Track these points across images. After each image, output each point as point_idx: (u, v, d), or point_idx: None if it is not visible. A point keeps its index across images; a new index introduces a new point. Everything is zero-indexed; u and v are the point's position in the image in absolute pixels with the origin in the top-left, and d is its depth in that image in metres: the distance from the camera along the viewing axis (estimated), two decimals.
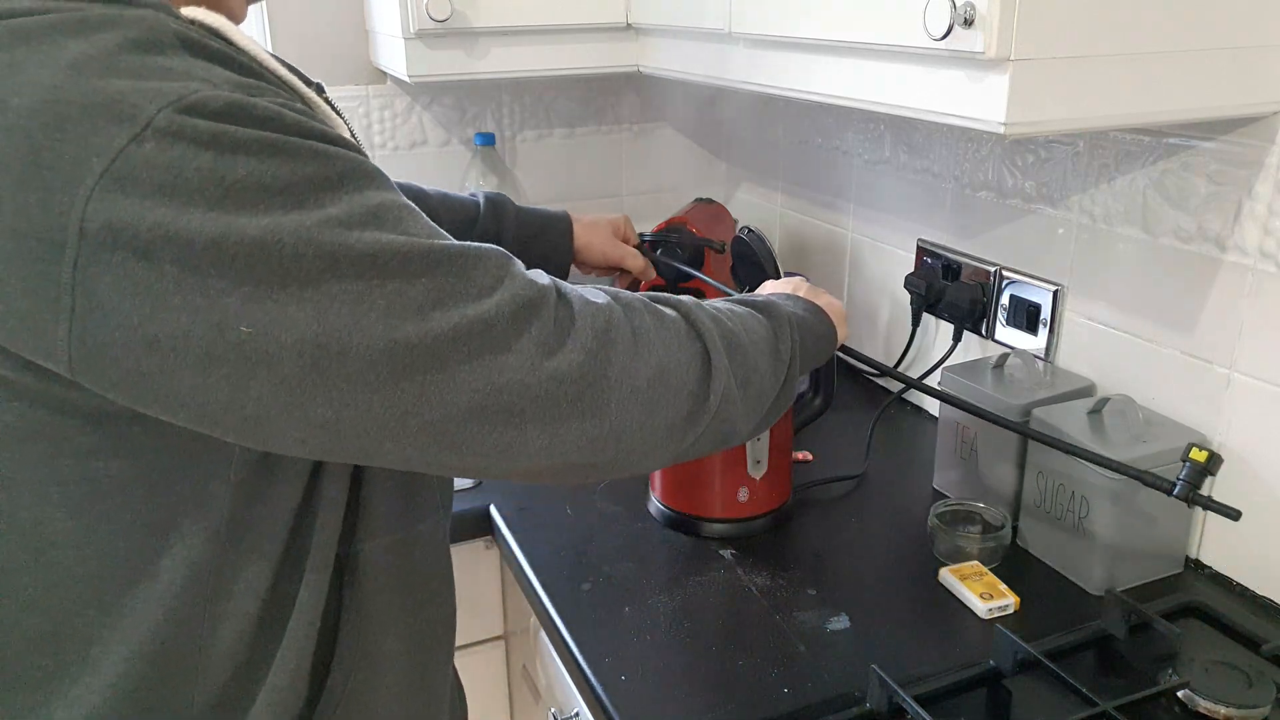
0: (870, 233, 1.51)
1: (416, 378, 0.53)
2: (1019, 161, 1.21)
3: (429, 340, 0.53)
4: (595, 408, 0.61)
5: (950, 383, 1.16)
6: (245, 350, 0.50)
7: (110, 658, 0.59)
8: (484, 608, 1.30)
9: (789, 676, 0.89)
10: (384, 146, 1.66)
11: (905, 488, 1.24)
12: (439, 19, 1.29)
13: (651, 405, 0.64)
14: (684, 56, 1.27)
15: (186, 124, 0.48)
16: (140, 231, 0.47)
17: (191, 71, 0.50)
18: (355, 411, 0.53)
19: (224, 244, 0.48)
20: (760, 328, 0.78)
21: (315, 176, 0.51)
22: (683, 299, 0.73)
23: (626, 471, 0.66)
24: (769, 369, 0.77)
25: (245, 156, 0.49)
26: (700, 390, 0.68)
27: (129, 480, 0.56)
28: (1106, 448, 0.96)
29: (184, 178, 0.47)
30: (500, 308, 0.56)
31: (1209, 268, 0.99)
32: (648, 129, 1.83)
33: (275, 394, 0.51)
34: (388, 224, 0.53)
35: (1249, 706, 0.82)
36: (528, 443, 0.58)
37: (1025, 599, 0.99)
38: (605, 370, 0.61)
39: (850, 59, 0.93)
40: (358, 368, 0.52)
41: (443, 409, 0.55)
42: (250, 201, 0.49)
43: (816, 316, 0.88)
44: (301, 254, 0.49)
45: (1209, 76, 0.83)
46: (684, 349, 0.67)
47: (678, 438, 0.67)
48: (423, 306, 0.53)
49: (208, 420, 0.52)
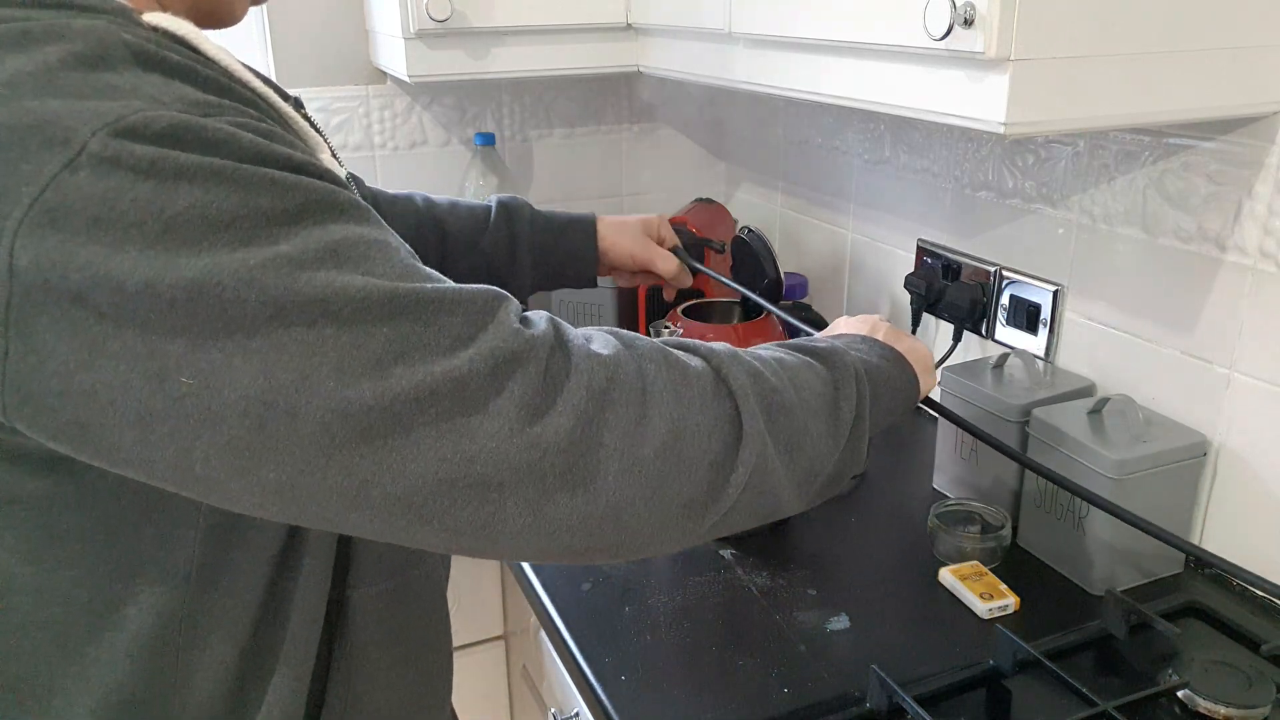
0: (870, 233, 1.51)
1: (375, 442, 0.46)
2: (1019, 161, 1.21)
3: (387, 400, 0.46)
4: (587, 482, 0.52)
5: (950, 383, 1.16)
6: (186, 407, 0.44)
7: (75, 709, 0.55)
8: (484, 608, 1.30)
9: (789, 676, 0.89)
10: (384, 146, 1.66)
11: (905, 488, 1.24)
12: (439, 19, 1.29)
13: (660, 479, 0.54)
14: (684, 56, 1.27)
15: (123, 149, 0.43)
16: (69, 272, 0.42)
17: (139, 89, 0.45)
18: (310, 479, 0.47)
19: (158, 287, 0.43)
20: (816, 381, 0.67)
21: (268, 209, 0.45)
22: (716, 347, 0.63)
23: (637, 554, 0.57)
24: (825, 431, 0.66)
25: (188, 185, 0.43)
26: (726, 460, 0.57)
27: (88, 528, 0.52)
28: (1106, 448, 0.97)
29: (119, 210, 0.42)
30: (474, 363, 0.48)
31: (1209, 268, 0.99)
32: (648, 129, 1.83)
33: (222, 456, 0.45)
34: (348, 263, 0.46)
35: (1249, 706, 0.81)
36: (507, 520, 0.50)
37: (1025, 599, 0.99)
38: (599, 437, 0.52)
39: (850, 59, 0.93)
40: (309, 430, 0.45)
41: (407, 480, 0.48)
42: (191, 238, 0.43)
43: (895, 365, 0.76)
44: (243, 299, 0.44)
45: (1209, 76, 0.83)
46: (708, 410, 0.57)
47: (696, 517, 0.57)
48: (382, 361, 0.46)
49: (157, 479, 0.47)
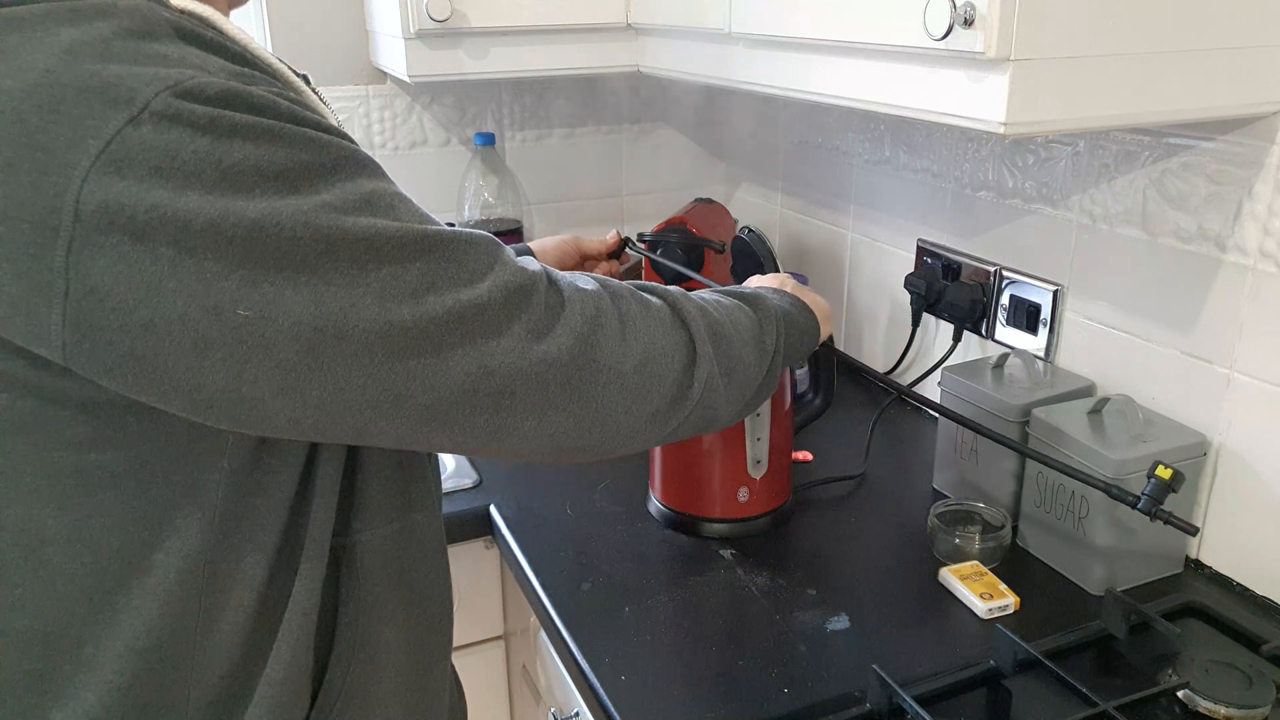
0: (870, 233, 1.51)
1: (411, 360, 0.54)
2: (1019, 161, 1.21)
3: (423, 323, 0.54)
4: (583, 391, 0.62)
5: (950, 383, 1.16)
6: (242, 334, 0.50)
7: (104, 656, 0.58)
8: (484, 608, 1.30)
9: (789, 676, 0.89)
10: (384, 146, 1.66)
11: (905, 488, 1.24)
12: (439, 19, 1.29)
13: (637, 391, 0.66)
14: (684, 56, 1.27)
15: (184, 108, 0.48)
16: (137, 213, 0.47)
17: (186, 58, 0.50)
18: (350, 393, 0.53)
19: (222, 226, 0.48)
20: (746, 319, 0.80)
21: (310, 163, 0.51)
22: (670, 289, 0.74)
23: (610, 454, 0.67)
24: (754, 359, 0.79)
25: (241, 141, 0.49)
26: (684, 378, 0.70)
27: (121, 472, 0.55)
28: (1106, 448, 0.97)
29: (181, 160, 0.47)
30: (492, 292, 0.57)
31: (1209, 268, 0.99)
32: (648, 129, 1.83)
33: (271, 377, 0.51)
34: (381, 210, 0.54)
35: (1249, 706, 0.82)
36: (517, 424, 0.60)
37: (1025, 599, 0.99)
38: (594, 355, 0.62)
39: (850, 59, 0.93)
40: (353, 350, 0.52)
41: (436, 391, 0.55)
42: (247, 185, 0.49)
43: (802, 312, 0.90)
44: (299, 237, 0.50)
45: (1209, 76, 0.83)
46: (669, 337, 0.69)
47: (661, 422, 0.69)
48: (417, 290, 0.54)
49: (201, 404, 0.52)
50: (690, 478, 1.12)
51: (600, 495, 1.21)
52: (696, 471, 1.12)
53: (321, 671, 0.66)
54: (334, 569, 0.65)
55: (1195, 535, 0.85)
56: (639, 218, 1.86)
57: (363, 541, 0.66)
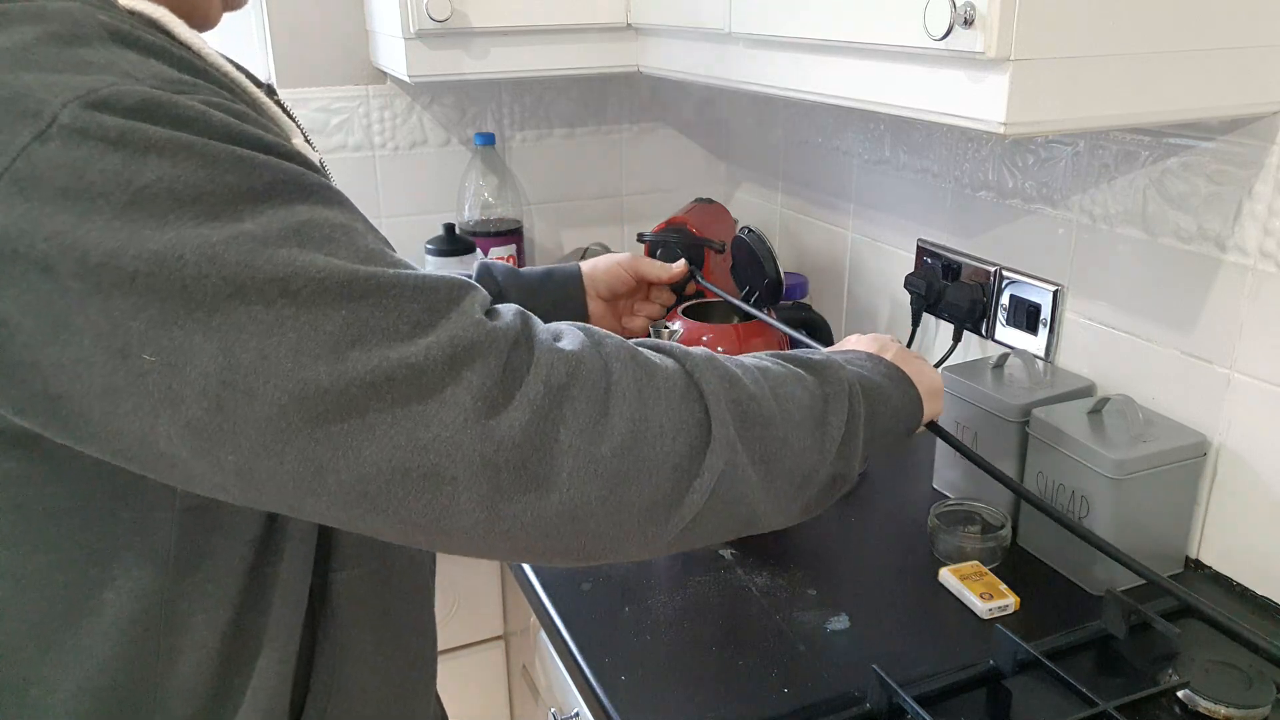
0: (870, 233, 1.51)
1: (330, 426, 0.46)
2: (1019, 161, 1.21)
3: (342, 384, 0.46)
4: (541, 479, 0.51)
5: (950, 383, 1.16)
6: (148, 384, 0.44)
7: (54, 697, 0.54)
8: (484, 608, 1.30)
9: (789, 676, 0.89)
10: (384, 146, 1.66)
11: (905, 488, 1.24)
12: (439, 19, 1.29)
13: (618, 479, 0.53)
14: (684, 56, 1.27)
15: (93, 121, 0.43)
16: (37, 241, 0.42)
17: (115, 64, 0.45)
18: (268, 463, 0.46)
19: (122, 257, 0.43)
20: (803, 393, 0.65)
21: (235, 186, 0.45)
22: (694, 351, 0.61)
23: (597, 560, 0.56)
24: (808, 445, 0.64)
25: (157, 158, 0.43)
26: (691, 465, 0.56)
27: (62, 509, 0.52)
28: (1106, 448, 0.97)
29: (87, 180, 0.43)
30: (431, 350, 0.48)
31: (1209, 268, 0.99)
32: (648, 129, 1.83)
33: (183, 436, 0.45)
34: (311, 243, 0.46)
35: (1249, 706, 0.81)
36: (460, 515, 0.50)
37: (1025, 599, 0.99)
38: (555, 434, 0.51)
39: (850, 59, 0.93)
40: (266, 413, 0.45)
41: (361, 466, 0.47)
42: (157, 211, 0.43)
43: (896, 384, 0.74)
44: (205, 274, 0.44)
45: (1209, 76, 0.83)
46: (674, 413, 0.56)
47: (659, 522, 0.55)
48: (338, 343, 0.46)
49: (122, 455, 0.47)
50: None
51: None
52: None
53: (296, 715, 0.63)
54: (310, 609, 0.62)
55: None
56: (639, 218, 1.86)
57: (338, 582, 0.63)
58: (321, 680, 0.63)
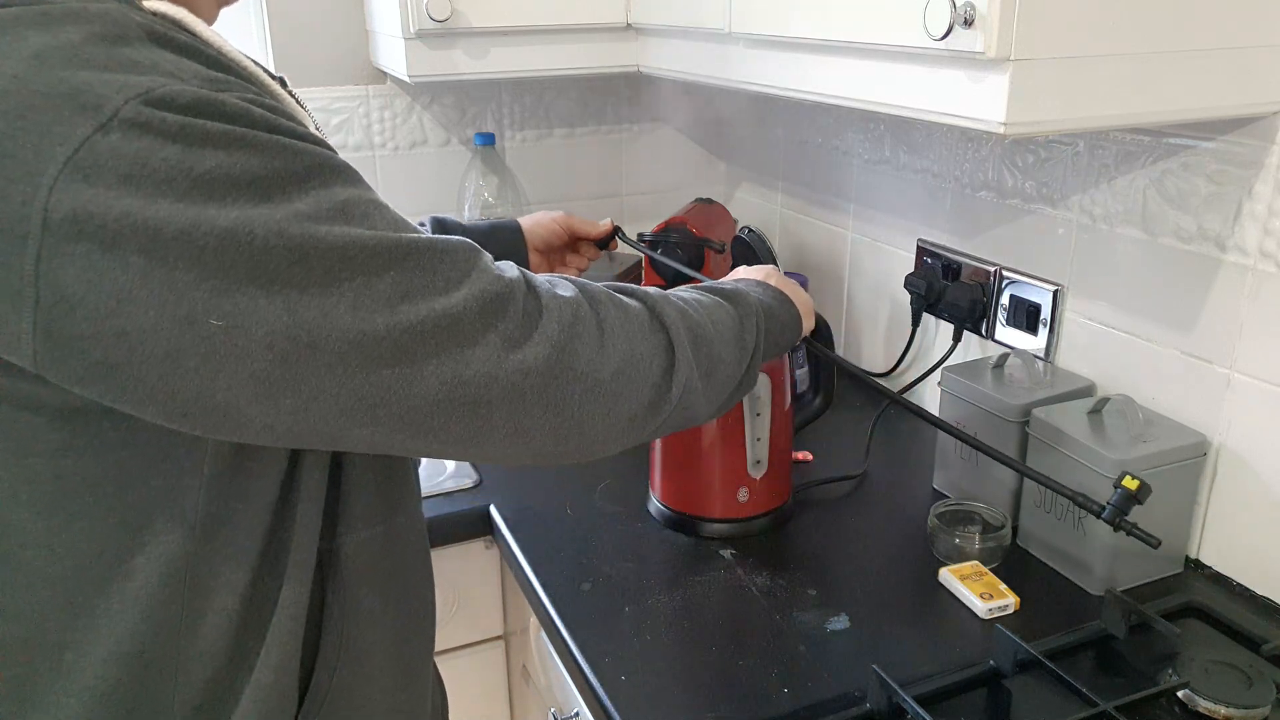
0: (870, 233, 1.51)
1: (385, 370, 0.54)
2: (1019, 161, 1.21)
3: (396, 333, 0.53)
4: (560, 400, 0.61)
5: (950, 383, 1.16)
6: (215, 344, 0.49)
7: (85, 661, 0.57)
8: (484, 608, 1.30)
9: (789, 676, 0.89)
10: (384, 146, 1.66)
11: (905, 488, 1.24)
12: (439, 19, 1.29)
13: (615, 397, 0.65)
14: (684, 56, 1.27)
15: (154, 116, 0.47)
16: (107, 221, 0.46)
17: (158, 64, 0.50)
18: (325, 401, 0.53)
19: (193, 234, 0.47)
20: (727, 317, 0.79)
21: (283, 171, 0.51)
22: (648, 290, 0.74)
23: (587, 458, 0.67)
24: (733, 358, 0.78)
25: (213, 149, 0.48)
26: (663, 382, 0.69)
27: (99, 478, 0.55)
28: (1106, 448, 0.97)
29: (150, 168, 0.47)
30: (467, 302, 0.56)
31: (1209, 268, 0.99)
32: (648, 129, 1.83)
33: (245, 386, 0.51)
34: (355, 219, 0.53)
35: (1249, 706, 0.82)
36: (493, 431, 0.59)
37: (1025, 599, 0.99)
38: (571, 363, 0.62)
39: (850, 59, 0.93)
40: (327, 361, 0.52)
41: (410, 400, 0.55)
42: (219, 193, 0.48)
43: (784, 306, 0.89)
44: (272, 247, 0.49)
45: (1209, 76, 0.83)
46: (647, 341, 0.69)
47: (639, 426, 0.68)
48: (391, 299, 0.53)
49: (176, 412, 0.51)
50: (690, 478, 1.12)
51: (600, 495, 1.21)
52: (696, 471, 1.12)
53: (307, 675, 0.66)
54: (319, 573, 0.65)
55: (1157, 547, 0.85)
56: (639, 218, 1.86)
57: (347, 545, 0.66)
58: (331, 640, 0.66)
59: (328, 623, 0.66)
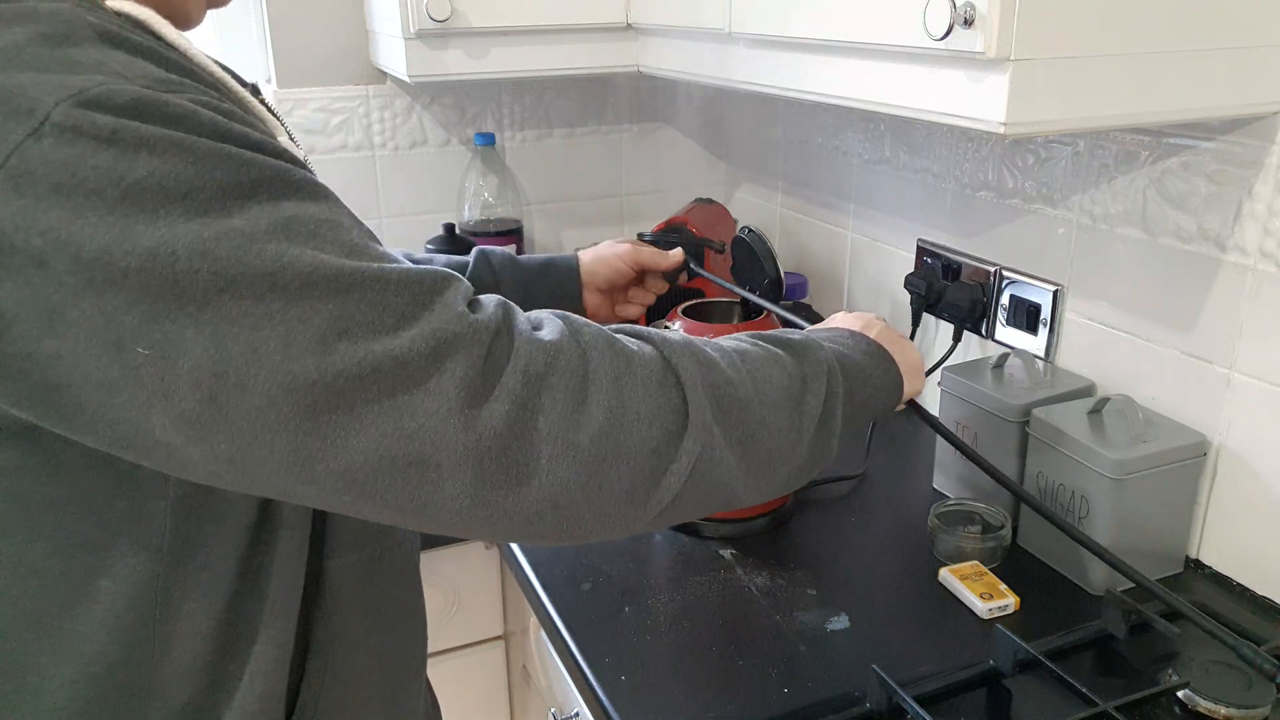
0: (870, 233, 1.51)
1: (320, 418, 0.47)
2: (1019, 161, 1.21)
3: (330, 376, 0.47)
4: (522, 467, 0.52)
5: (950, 383, 1.16)
6: (142, 377, 0.45)
7: (51, 683, 0.55)
8: (484, 608, 1.30)
9: (789, 676, 0.89)
10: (384, 146, 1.66)
11: (905, 488, 1.24)
12: (439, 19, 1.29)
13: (597, 465, 0.54)
14: (684, 56, 1.27)
15: (85, 119, 0.44)
16: (32, 236, 0.43)
17: (104, 64, 0.46)
18: (259, 451, 0.48)
19: (115, 252, 0.44)
20: (780, 374, 0.67)
21: (223, 182, 0.46)
22: (671, 336, 0.62)
23: (580, 540, 0.58)
24: (786, 425, 0.66)
25: (148, 155, 0.44)
26: (668, 449, 0.57)
27: (60, 499, 0.52)
28: (1106, 448, 0.97)
29: (80, 176, 0.43)
30: (415, 343, 0.49)
31: (1209, 268, 0.99)
32: (648, 129, 1.83)
33: (177, 426, 0.47)
34: (298, 239, 0.47)
35: (1249, 706, 0.81)
36: (446, 501, 0.51)
37: (1025, 599, 0.99)
38: (534, 422, 0.52)
39: (850, 59, 0.92)
40: (257, 404, 0.46)
41: (349, 455, 0.49)
42: (150, 206, 0.44)
43: (877, 362, 0.75)
44: (196, 269, 0.45)
45: (1209, 76, 0.83)
46: (651, 398, 0.57)
47: (639, 504, 0.57)
48: (326, 336, 0.47)
49: (119, 443, 0.48)
50: None
51: None
52: None
53: (293, 697, 0.64)
54: (304, 596, 0.63)
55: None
56: (639, 218, 1.86)
57: (333, 568, 0.64)
58: (317, 665, 0.64)
59: (314, 647, 0.64)
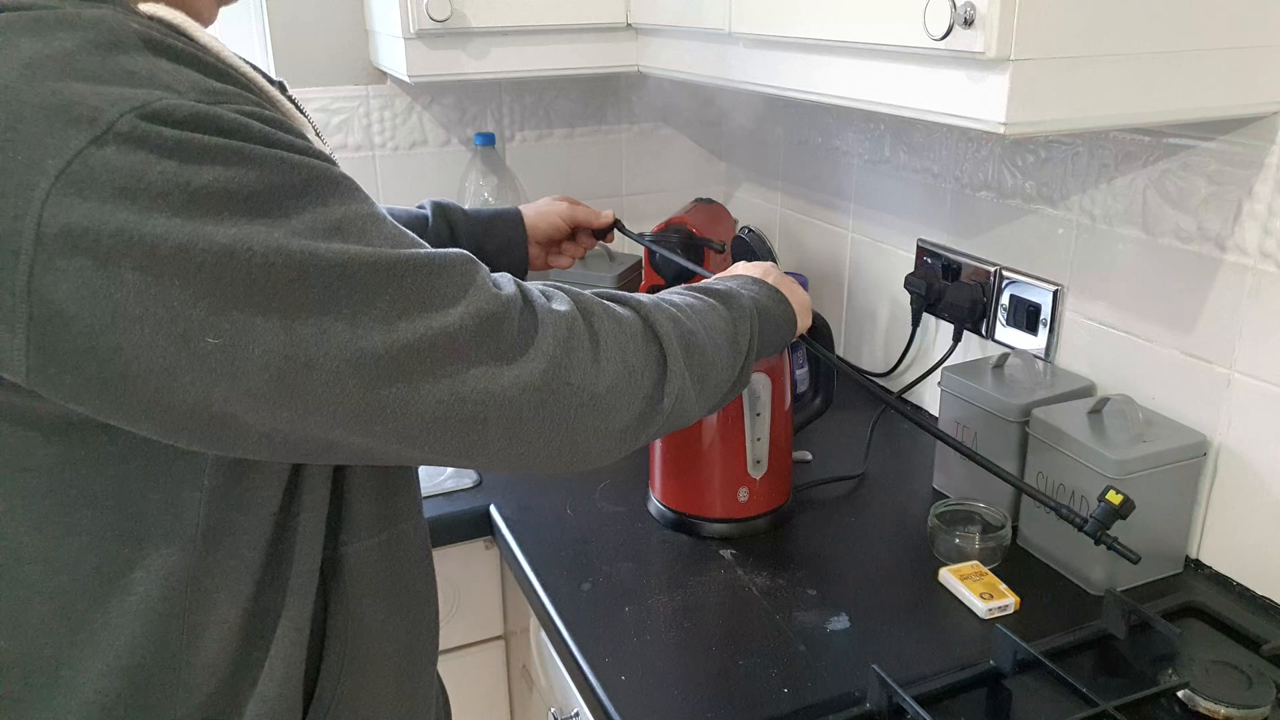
0: (870, 233, 1.51)
1: (383, 388, 0.53)
2: (1019, 161, 1.21)
3: (394, 351, 0.53)
4: (556, 415, 0.62)
5: (950, 383, 1.16)
6: (210, 362, 0.48)
7: (83, 676, 0.57)
8: (484, 608, 1.30)
9: (789, 676, 0.89)
10: (384, 146, 1.66)
11: (905, 488, 1.24)
12: (439, 19, 1.29)
13: (609, 411, 0.65)
14: (684, 56, 1.27)
15: (150, 130, 0.46)
16: (102, 236, 0.45)
17: (155, 74, 0.48)
18: (320, 418, 0.52)
19: (191, 250, 0.46)
20: (720, 321, 0.80)
21: (281, 185, 0.50)
22: (642, 298, 0.74)
23: (580, 469, 0.68)
24: (726, 362, 0.79)
25: (210, 164, 0.47)
26: (656, 393, 0.69)
27: (97, 492, 0.54)
28: (1106, 447, 0.97)
29: (147, 181, 0.46)
30: (464, 319, 0.56)
31: (1209, 268, 0.99)
32: (648, 129, 1.83)
33: (241, 401, 0.50)
34: (353, 235, 0.52)
35: (1249, 706, 0.82)
36: (488, 444, 0.60)
37: (1025, 599, 0.99)
38: (566, 379, 0.62)
39: (850, 59, 0.93)
40: (324, 379, 0.51)
41: (408, 417, 0.55)
42: (216, 209, 0.47)
43: (779, 304, 0.89)
44: (272, 264, 0.48)
45: (1209, 76, 0.83)
46: (641, 354, 0.69)
47: (630, 437, 0.69)
48: (388, 317, 0.53)
49: (172, 426, 0.51)
50: (690, 478, 1.12)
51: (600, 495, 1.21)
52: (696, 471, 1.12)
53: (311, 685, 0.65)
54: (322, 582, 0.65)
55: (1137, 563, 0.85)
56: (639, 218, 1.86)
57: (350, 554, 0.66)
58: (335, 650, 0.66)
59: (331, 633, 0.66)
